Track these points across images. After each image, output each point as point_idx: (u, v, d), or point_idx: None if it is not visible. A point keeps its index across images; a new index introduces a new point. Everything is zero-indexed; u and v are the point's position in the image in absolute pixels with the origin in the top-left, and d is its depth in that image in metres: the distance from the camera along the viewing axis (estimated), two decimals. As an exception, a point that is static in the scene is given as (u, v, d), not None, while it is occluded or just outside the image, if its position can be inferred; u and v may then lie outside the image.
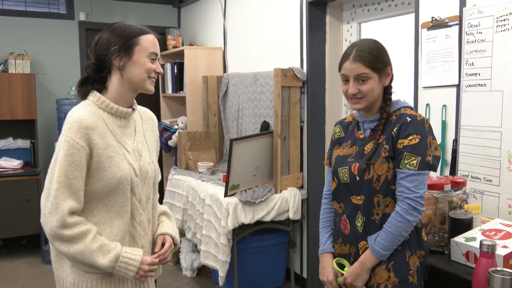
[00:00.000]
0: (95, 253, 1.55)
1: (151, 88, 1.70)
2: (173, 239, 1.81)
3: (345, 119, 1.98)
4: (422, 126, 1.69)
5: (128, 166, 1.64)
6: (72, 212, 1.53)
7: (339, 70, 1.77)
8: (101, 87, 1.66)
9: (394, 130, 1.71)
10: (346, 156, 1.83)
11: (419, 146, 1.66)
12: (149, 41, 1.65)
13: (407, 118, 1.70)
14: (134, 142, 1.71)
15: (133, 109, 1.73)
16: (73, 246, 1.53)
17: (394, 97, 1.81)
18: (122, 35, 1.62)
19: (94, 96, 1.64)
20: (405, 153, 1.67)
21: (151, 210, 1.78)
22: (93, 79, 1.66)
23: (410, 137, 1.67)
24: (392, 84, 1.81)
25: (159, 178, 1.83)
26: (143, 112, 1.84)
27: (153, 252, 1.77)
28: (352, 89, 1.73)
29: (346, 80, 1.75)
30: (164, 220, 1.87)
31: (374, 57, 1.71)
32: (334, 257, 1.90)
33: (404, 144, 1.67)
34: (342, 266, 1.85)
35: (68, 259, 1.61)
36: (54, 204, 1.51)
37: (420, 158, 1.66)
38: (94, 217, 1.62)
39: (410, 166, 1.66)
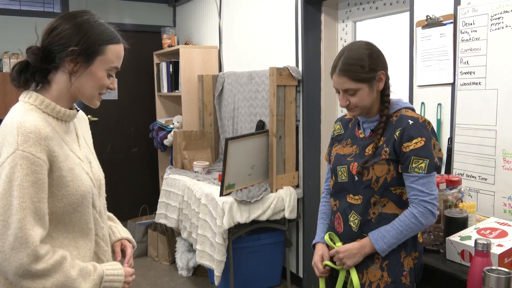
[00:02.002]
0: (77, 281, 1.32)
1: (97, 104, 1.46)
2: (130, 242, 1.68)
3: (345, 115, 1.97)
4: (425, 129, 1.68)
5: (87, 177, 1.42)
6: (41, 241, 1.28)
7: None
8: (43, 80, 1.38)
9: (397, 133, 1.69)
10: (346, 155, 1.82)
11: (425, 149, 1.65)
12: (115, 53, 1.40)
13: (409, 120, 1.68)
14: (80, 148, 1.48)
15: (77, 110, 1.50)
16: (50, 279, 1.28)
17: (393, 96, 1.80)
18: (88, 36, 1.35)
19: (36, 98, 1.36)
20: (412, 157, 1.65)
21: (106, 221, 1.60)
22: (35, 69, 1.37)
23: (415, 140, 1.66)
24: (391, 84, 1.79)
25: None
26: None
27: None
28: (342, 102, 1.74)
29: (337, 91, 1.76)
30: (112, 224, 1.68)
31: (360, 68, 1.68)
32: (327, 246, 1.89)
33: (410, 147, 1.66)
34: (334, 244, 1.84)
35: None
36: (21, 237, 1.23)
37: (428, 160, 1.65)
38: (54, 240, 1.36)
39: (419, 169, 1.65)
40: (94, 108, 1.49)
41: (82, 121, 1.58)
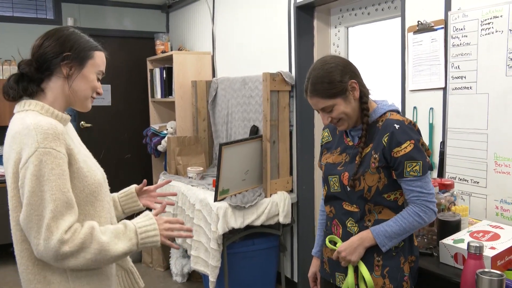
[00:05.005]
0: (111, 243, 1.41)
1: (89, 107, 1.58)
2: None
3: None
4: (412, 131, 1.70)
5: (97, 168, 1.55)
6: (69, 228, 1.37)
7: None
8: (37, 89, 1.48)
9: (385, 139, 1.69)
10: (336, 164, 1.83)
11: (416, 151, 1.67)
12: (101, 58, 1.56)
13: (395, 125, 1.69)
14: (81, 147, 1.60)
15: (70, 115, 1.61)
16: (88, 250, 1.37)
17: (377, 98, 1.81)
18: (78, 44, 1.50)
19: (36, 104, 1.45)
20: (405, 162, 1.66)
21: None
22: (30, 78, 1.47)
23: (404, 145, 1.67)
24: (369, 89, 1.78)
25: None
26: None
27: None
28: (324, 120, 1.77)
29: (317, 111, 1.78)
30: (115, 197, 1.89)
31: (329, 85, 1.69)
32: (321, 259, 1.92)
33: (401, 153, 1.67)
34: (335, 245, 1.84)
35: (92, 267, 1.43)
36: (51, 226, 1.33)
37: (421, 162, 1.67)
38: None
39: (415, 172, 1.67)
40: (86, 114, 1.61)
41: (71, 128, 1.66)
